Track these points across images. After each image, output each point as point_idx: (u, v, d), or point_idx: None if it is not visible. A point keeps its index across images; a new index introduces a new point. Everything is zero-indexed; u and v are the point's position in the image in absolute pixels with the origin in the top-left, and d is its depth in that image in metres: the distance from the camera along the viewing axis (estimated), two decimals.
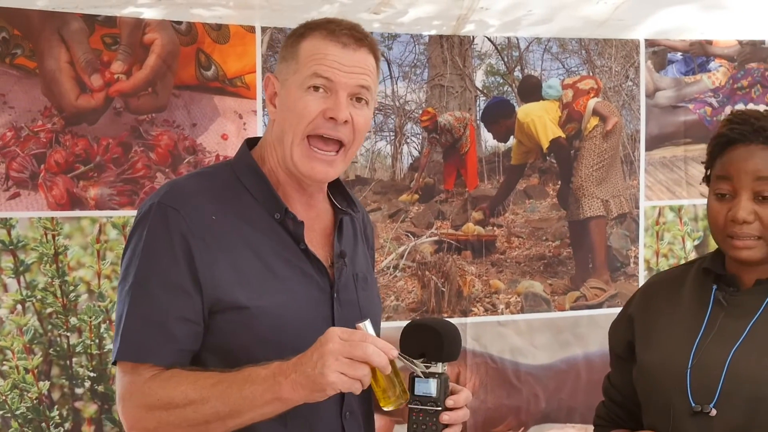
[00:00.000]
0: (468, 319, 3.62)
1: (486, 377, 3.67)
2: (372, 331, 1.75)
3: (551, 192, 3.76)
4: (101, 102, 3.16)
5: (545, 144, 3.73)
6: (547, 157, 3.75)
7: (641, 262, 3.86)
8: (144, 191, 3.21)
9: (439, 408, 1.85)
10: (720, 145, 2.05)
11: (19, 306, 3.10)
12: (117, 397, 1.85)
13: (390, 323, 3.39)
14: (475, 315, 3.64)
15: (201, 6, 3.21)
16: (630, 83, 3.81)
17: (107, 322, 3.21)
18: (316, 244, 1.93)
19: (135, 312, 1.82)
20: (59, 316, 3.14)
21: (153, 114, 3.22)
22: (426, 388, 1.85)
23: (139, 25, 3.17)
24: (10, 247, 3.08)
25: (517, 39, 3.68)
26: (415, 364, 1.81)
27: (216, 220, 1.84)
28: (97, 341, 3.20)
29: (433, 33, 3.55)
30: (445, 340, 1.88)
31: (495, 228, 3.70)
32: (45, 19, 3.06)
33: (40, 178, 3.09)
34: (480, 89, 3.65)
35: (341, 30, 1.87)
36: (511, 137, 3.70)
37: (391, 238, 3.56)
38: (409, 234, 3.58)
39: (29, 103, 3.08)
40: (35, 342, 3.11)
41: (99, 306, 3.19)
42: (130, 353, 1.82)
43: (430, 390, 1.85)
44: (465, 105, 3.63)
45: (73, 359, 3.15)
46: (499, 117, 3.68)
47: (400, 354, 1.77)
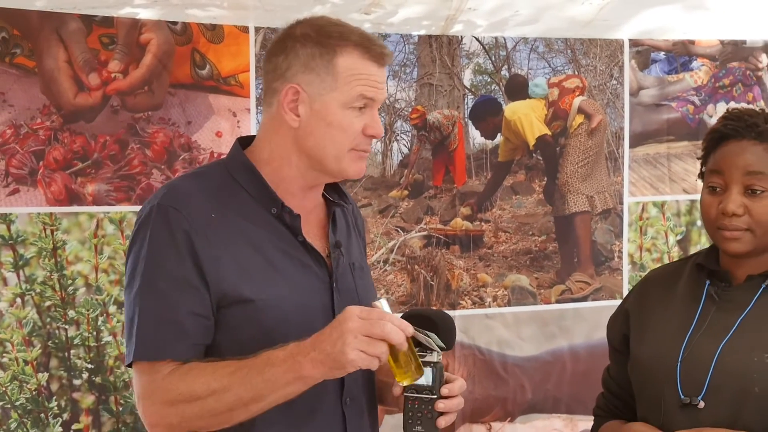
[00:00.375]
0: (456, 312, 3.61)
1: (474, 369, 3.67)
2: (388, 309, 1.78)
3: (537, 188, 3.77)
4: (99, 100, 3.15)
5: (531, 141, 3.74)
6: (534, 154, 3.76)
7: (625, 256, 3.86)
8: (140, 187, 3.21)
9: (435, 396, 1.86)
10: (714, 141, 2.07)
11: (19, 299, 3.09)
12: (136, 397, 1.85)
13: None
14: (463, 308, 3.65)
15: (196, 7, 3.20)
16: (614, 82, 3.82)
17: (104, 315, 3.19)
18: (312, 236, 1.96)
19: (147, 312, 1.83)
20: (58, 309, 3.13)
21: (149, 112, 3.21)
22: (422, 376, 1.87)
23: (136, 26, 3.16)
24: (9, 242, 3.08)
25: (504, 39, 3.67)
26: (431, 338, 1.84)
27: (215, 218, 1.86)
28: (95, 334, 3.18)
29: (423, 33, 3.55)
30: (441, 329, 1.89)
31: (482, 223, 3.70)
32: (44, 20, 3.05)
33: (39, 174, 3.09)
34: (468, 88, 3.66)
35: (374, 47, 1.91)
36: (499, 135, 3.70)
37: (381, 233, 3.57)
38: (399, 229, 3.59)
39: (28, 102, 3.07)
40: (34, 334, 3.11)
41: (97, 299, 3.18)
42: (147, 352, 1.83)
43: (425, 378, 1.86)
44: (453, 103, 3.63)
45: (71, 351, 3.15)
46: (487, 115, 3.68)
47: (415, 329, 1.80)
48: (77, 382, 3.16)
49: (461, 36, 3.60)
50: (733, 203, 1.99)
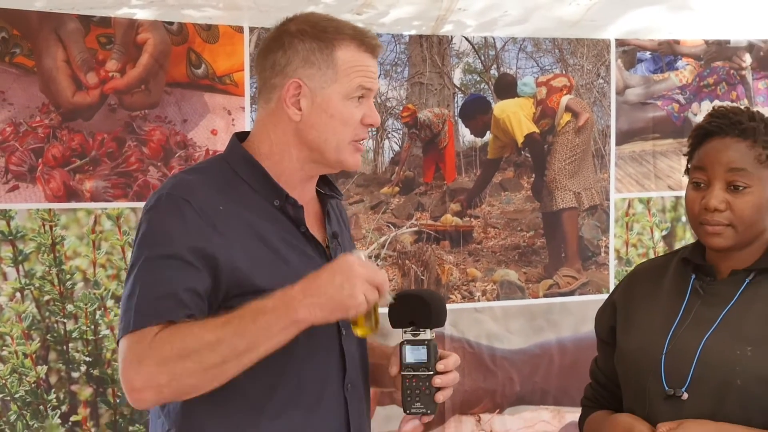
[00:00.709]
0: (446, 306, 3.69)
1: (463, 361, 3.44)
2: (368, 260, 1.84)
3: (526, 185, 3.77)
4: (96, 99, 3.15)
5: (520, 139, 3.74)
6: (522, 152, 3.76)
7: (611, 251, 3.87)
8: (137, 184, 3.20)
9: (431, 372, 1.89)
10: (698, 137, 2.08)
11: (18, 294, 3.10)
12: (121, 367, 1.80)
13: None
14: (453, 302, 3.66)
15: (191, 7, 3.20)
16: (601, 81, 3.82)
17: (102, 309, 3.20)
18: (311, 226, 1.98)
19: (147, 287, 1.81)
20: (56, 303, 3.14)
21: (146, 110, 3.22)
22: (417, 354, 1.90)
23: (133, 26, 3.17)
24: (9, 238, 3.09)
25: (494, 39, 3.67)
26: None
27: (223, 210, 1.87)
28: (93, 327, 3.19)
29: (413, 33, 3.56)
30: (433, 308, 1.92)
31: (472, 219, 3.71)
32: (43, 20, 3.06)
33: (38, 171, 3.09)
34: (458, 87, 3.66)
35: (368, 39, 1.95)
36: (488, 132, 3.71)
37: (373, 228, 3.58)
38: (390, 225, 3.60)
39: (28, 100, 3.08)
40: (33, 328, 3.12)
41: (94, 293, 3.18)
42: (144, 320, 1.79)
43: (421, 356, 1.89)
44: (443, 102, 3.64)
45: (70, 344, 3.16)
46: (476, 113, 3.68)
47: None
48: (75, 374, 3.18)
49: (451, 36, 3.61)
50: (715, 199, 2.00)
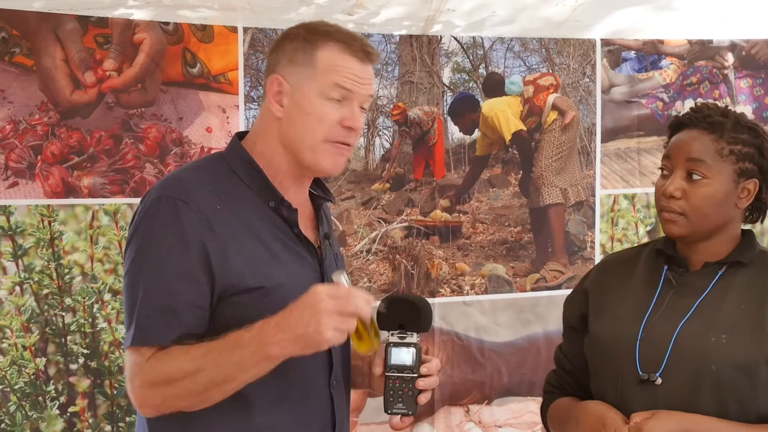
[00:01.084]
0: (436, 300, 3.63)
1: (452, 353, 3.69)
2: (349, 282, 1.81)
3: (513, 181, 3.79)
4: (94, 97, 3.17)
5: (508, 136, 3.76)
6: (510, 149, 3.77)
7: (597, 246, 3.88)
8: (134, 180, 3.21)
9: (415, 375, 1.90)
10: (672, 129, 2.11)
11: (18, 287, 3.12)
12: (126, 380, 1.86)
13: None
14: (443, 296, 3.68)
15: (187, 8, 3.22)
16: (587, 80, 3.83)
17: (100, 302, 3.20)
18: (304, 228, 1.98)
19: (149, 300, 1.83)
20: (55, 296, 3.16)
21: (142, 108, 3.23)
22: (403, 356, 1.90)
23: (130, 26, 3.18)
24: (9, 233, 3.10)
25: (482, 38, 3.69)
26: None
27: (220, 209, 1.87)
28: (90, 320, 3.20)
29: (403, 33, 3.57)
30: (422, 313, 1.94)
31: (461, 215, 3.72)
32: (41, 20, 3.07)
33: (37, 168, 3.11)
34: (447, 85, 3.67)
35: (357, 44, 1.93)
36: (476, 130, 3.72)
37: (364, 224, 3.58)
38: (381, 220, 3.61)
39: (27, 99, 3.09)
40: (32, 321, 3.14)
41: (92, 287, 3.20)
42: (144, 338, 1.82)
43: (406, 359, 1.90)
44: (433, 100, 3.65)
45: (68, 337, 3.18)
46: (465, 111, 3.70)
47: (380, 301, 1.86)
48: (73, 366, 3.20)
49: (440, 36, 3.63)
50: (672, 185, 2.03)
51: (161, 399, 1.81)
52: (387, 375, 1.91)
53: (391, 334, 1.93)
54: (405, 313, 1.93)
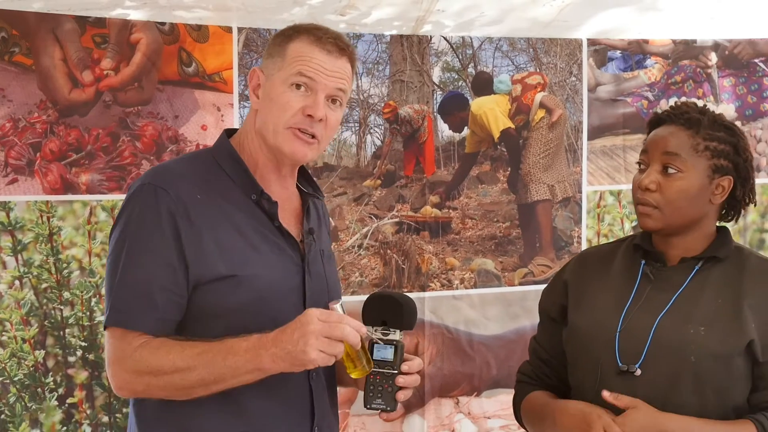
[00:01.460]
0: (426, 294, 3.66)
1: (442, 346, 3.72)
2: (343, 311, 1.83)
3: (502, 178, 3.81)
4: (92, 96, 3.19)
5: (496, 134, 3.78)
6: (498, 146, 3.79)
7: (584, 241, 3.90)
8: (131, 177, 3.22)
9: (395, 371, 1.91)
10: (651, 124, 2.13)
11: (17, 281, 3.15)
12: (107, 361, 1.89)
13: (355, 297, 3.41)
14: (433, 290, 3.70)
15: (183, 8, 3.23)
16: (573, 79, 3.85)
17: (97, 296, 3.22)
18: (288, 222, 2.00)
19: (125, 282, 1.86)
20: (53, 290, 3.18)
21: (139, 107, 3.25)
22: (384, 353, 1.92)
23: (126, 26, 3.20)
24: (8, 228, 3.13)
25: (471, 38, 3.71)
26: (377, 335, 1.91)
27: (201, 199, 1.90)
28: (88, 314, 3.22)
29: (394, 33, 3.59)
30: (405, 310, 1.95)
31: (450, 210, 3.75)
32: (40, 20, 3.09)
33: (36, 165, 3.13)
34: (437, 84, 3.69)
35: (327, 38, 1.95)
36: (465, 128, 3.74)
37: (356, 219, 3.59)
38: (372, 216, 3.63)
39: (26, 97, 3.10)
40: (31, 314, 3.16)
41: (90, 282, 3.22)
42: (118, 320, 1.86)
43: (388, 355, 1.91)
44: (423, 98, 3.67)
45: (66, 330, 3.21)
46: (455, 109, 3.72)
47: (367, 330, 1.87)
48: (72, 359, 3.22)
49: (430, 36, 3.65)
50: (648, 178, 2.04)
51: (144, 387, 1.86)
52: None
53: (375, 330, 1.94)
54: (389, 310, 1.95)
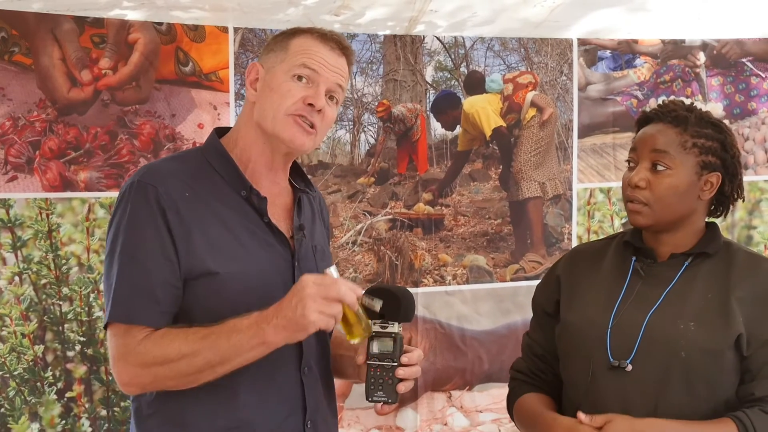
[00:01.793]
0: (419, 290, 3.68)
1: (435, 341, 3.74)
2: (338, 275, 1.85)
3: (493, 175, 3.83)
4: (90, 95, 3.21)
5: (488, 132, 3.80)
6: (490, 144, 3.81)
7: (574, 237, 3.92)
8: (128, 174, 3.21)
9: (395, 364, 1.91)
10: (639, 123, 2.14)
11: (17, 277, 3.17)
12: (111, 358, 1.89)
13: None
14: (426, 285, 3.72)
15: (179, 9, 3.25)
16: (564, 78, 3.87)
17: (96, 291, 3.24)
18: (278, 218, 2.00)
19: (123, 279, 1.87)
20: (52, 286, 3.21)
21: (137, 105, 3.27)
22: (384, 346, 1.92)
23: (124, 26, 3.22)
24: (8, 225, 3.15)
25: (463, 38, 3.73)
26: (375, 301, 1.90)
27: (189, 196, 1.91)
28: (87, 309, 3.25)
29: (388, 33, 3.61)
30: (403, 303, 1.95)
31: (443, 207, 3.76)
32: (40, 21, 3.11)
33: (35, 163, 3.15)
34: (430, 83, 3.71)
35: (331, 36, 2.00)
36: (458, 126, 3.76)
37: (350, 216, 3.61)
38: (366, 213, 3.65)
39: (26, 96, 3.13)
40: (31, 310, 3.18)
41: (88, 277, 3.24)
42: (121, 315, 1.87)
43: (387, 348, 1.91)
44: (416, 97, 3.69)
45: (65, 325, 3.23)
46: (447, 108, 3.74)
47: (364, 293, 1.88)
48: (70, 353, 3.25)
49: (423, 35, 3.68)
50: (637, 175, 2.05)
51: (151, 379, 1.86)
52: (368, 363, 1.93)
53: (374, 323, 1.94)
54: (387, 303, 1.94)
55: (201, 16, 3.31)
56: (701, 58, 4.08)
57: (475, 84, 3.79)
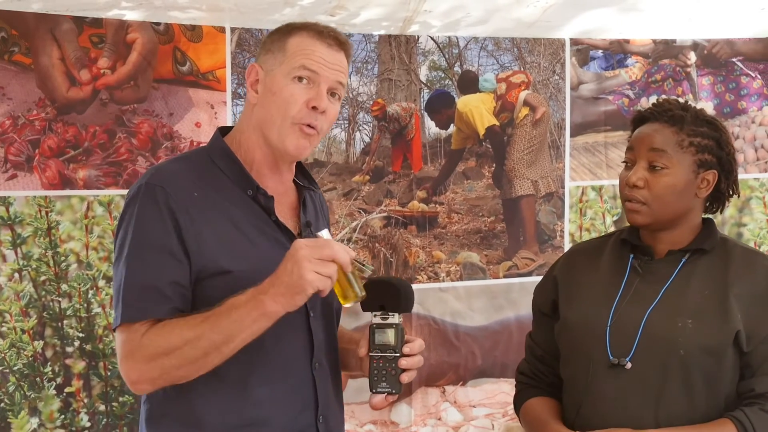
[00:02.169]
0: (413, 286, 3.40)
1: (429, 337, 3.73)
2: (330, 236, 1.84)
3: (487, 173, 3.84)
4: (89, 94, 3.23)
5: (481, 131, 3.82)
6: (483, 143, 3.82)
7: (566, 235, 3.93)
8: (127, 173, 3.26)
9: (398, 354, 1.90)
10: (635, 122, 2.14)
11: (17, 274, 3.19)
12: (119, 359, 1.88)
13: None
14: (420, 282, 3.73)
15: (177, 9, 3.26)
16: (556, 77, 3.88)
17: (94, 288, 3.26)
18: (285, 216, 2.00)
19: (133, 279, 1.86)
20: (52, 283, 3.22)
21: (135, 104, 3.28)
22: (385, 337, 1.91)
23: (123, 26, 3.24)
24: (8, 223, 3.17)
25: (457, 38, 3.74)
26: (365, 266, 1.90)
27: (198, 196, 1.90)
28: (86, 305, 3.26)
29: (382, 33, 3.63)
30: (402, 294, 1.95)
31: (437, 205, 3.78)
32: (39, 21, 3.13)
33: (35, 161, 3.17)
34: (424, 82, 3.73)
35: (327, 32, 1.97)
36: (452, 125, 3.77)
37: (345, 214, 3.62)
38: (361, 210, 3.66)
39: (25, 95, 3.14)
40: (30, 306, 3.20)
41: (87, 274, 3.26)
42: (131, 315, 1.85)
43: (388, 339, 1.91)
44: (411, 96, 3.70)
45: (64, 321, 3.24)
46: (441, 107, 3.75)
47: (354, 258, 1.85)
48: (69, 349, 3.26)
49: (418, 35, 3.69)
50: (635, 175, 2.06)
51: (159, 371, 1.84)
52: (371, 355, 1.93)
53: (374, 315, 1.94)
54: (386, 295, 1.94)
55: (198, 16, 3.32)
56: (692, 57, 4.08)
57: (469, 83, 3.80)
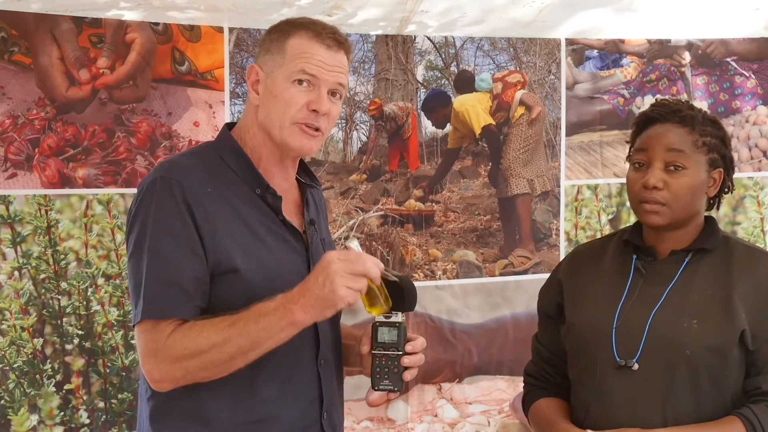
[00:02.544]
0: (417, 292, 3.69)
1: (425, 335, 3.34)
2: (360, 249, 1.85)
3: (483, 172, 3.85)
4: (88, 93, 3.23)
5: (478, 130, 3.82)
6: (480, 142, 3.83)
7: (562, 233, 3.95)
8: (126, 172, 3.27)
9: (400, 352, 1.91)
10: (641, 123, 2.13)
11: (16, 272, 3.19)
12: (140, 356, 1.86)
13: None
14: (416, 280, 3.69)
15: (176, 9, 3.27)
16: (552, 77, 3.89)
17: (93, 286, 3.27)
18: (289, 213, 2.01)
19: (154, 274, 1.84)
20: (51, 281, 3.23)
21: (134, 104, 3.29)
22: (388, 335, 1.92)
23: (122, 26, 3.24)
24: (8, 221, 3.18)
25: (453, 38, 3.75)
26: (393, 274, 1.89)
27: (210, 192, 1.90)
28: (85, 303, 3.27)
29: (379, 33, 3.63)
30: (406, 293, 1.93)
31: (433, 204, 3.79)
32: (39, 21, 3.13)
33: (34, 160, 3.17)
34: (420, 82, 3.74)
35: (326, 32, 1.96)
36: (448, 124, 3.78)
37: (342, 212, 3.64)
38: (358, 209, 3.67)
39: (25, 95, 3.15)
40: (30, 304, 3.21)
41: (86, 272, 3.26)
42: (153, 311, 1.83)
43: (392, 337, 1.91)
44: (407, 96, 3.72)
45: (64, 319, 3.25)
46: (438, 106, 3.76)
47: (384, 269, 1.88)
48: (69, 346, 3.27)
49: (414, 35, 3.70)
50: (654, 177, 2.04)
51: (183, 372, 1.83)
52: (373, 353, 1.93)
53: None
54: (391, 294, 1.93)
55: (197, 16, 3.33)
56: (686, 57, 4.09)
57: (465, 83, 3.81)
